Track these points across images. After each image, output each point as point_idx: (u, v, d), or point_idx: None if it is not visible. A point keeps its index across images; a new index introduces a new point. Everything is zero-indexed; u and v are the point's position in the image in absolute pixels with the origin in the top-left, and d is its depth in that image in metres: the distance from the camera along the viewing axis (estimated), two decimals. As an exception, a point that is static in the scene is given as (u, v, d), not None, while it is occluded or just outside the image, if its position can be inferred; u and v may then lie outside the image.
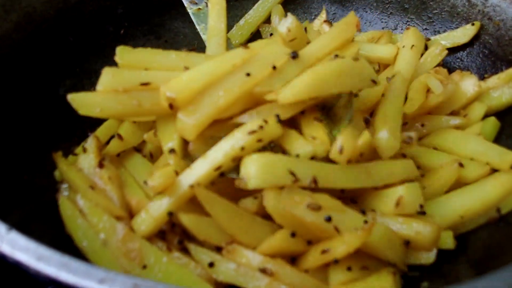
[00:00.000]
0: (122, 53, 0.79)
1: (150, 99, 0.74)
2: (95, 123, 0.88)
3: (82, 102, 0.74)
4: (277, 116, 0.71)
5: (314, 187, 0.67)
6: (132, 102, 0.74)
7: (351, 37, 0.82)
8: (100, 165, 0.77)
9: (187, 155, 0.74)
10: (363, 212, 0.71)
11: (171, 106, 0.71)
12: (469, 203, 0.76)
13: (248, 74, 0.72)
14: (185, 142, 0.75)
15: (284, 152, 0.72)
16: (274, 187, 0.66)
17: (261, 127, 0.69)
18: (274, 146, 0.74)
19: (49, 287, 0.48)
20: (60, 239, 0.71)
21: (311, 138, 0.72)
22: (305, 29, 1.06)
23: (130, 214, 0.75)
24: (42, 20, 0.97)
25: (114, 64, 1.02)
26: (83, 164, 0.78)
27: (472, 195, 0.77)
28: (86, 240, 0.67)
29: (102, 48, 1.07)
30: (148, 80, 0.75)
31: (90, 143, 0.81)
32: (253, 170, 0.65)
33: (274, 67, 0.73)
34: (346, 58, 0.76)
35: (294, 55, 0.75)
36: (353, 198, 0.76)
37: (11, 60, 0.90)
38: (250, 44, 0.78)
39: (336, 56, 0.77)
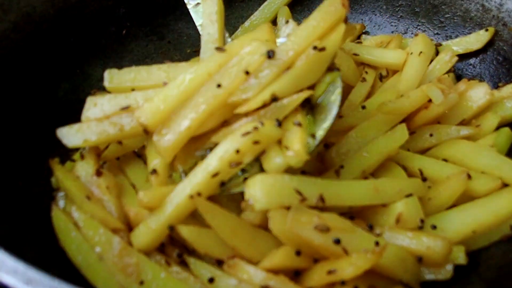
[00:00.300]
0: (110, 76, 0.81)
1: (131, 123, 0.74)
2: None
3: (68, 135, 0.75)
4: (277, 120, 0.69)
5: (322, 206, 0.64)
6: (114, 128, 0.74)
7: (339, 19, 0.73)
8: (98, 173, 0.74)
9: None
10: (371, 228, 0.69)
11: (145, 131, 0.70)
12: (482, 217, 0.73)
13: (219, 86, 0.68)
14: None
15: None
16: (280, 207, 0.63)
17: (255, 128, 0.66)
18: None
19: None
20: (55, 250, 0.69)
21: (286, 148, 0.68)
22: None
23: (128, 225, 0.73)
24: (42, 20, 0.94)
25: (115, 66, 1.00)
26: (80, 171, 0.75)
27: (485, 209, 0.74)
28: (81, 254, 0.65)
29: (103, 49, 1.05)
30: (127, 103, 0.75)
31: (88, 149, 0.79)
32: (259, 192, 0.62)
33: (247, 72, 0.69)
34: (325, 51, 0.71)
35: (270, 54, 0.69)
36: (351, 214, 0.73)
37: (8, 61, 0.88)
38: (228, 45, 0.74)
39: (315, 48, 0.70)
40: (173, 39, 1.16)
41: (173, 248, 0.72)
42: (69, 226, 0.67)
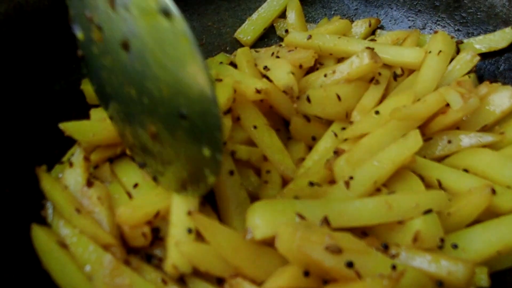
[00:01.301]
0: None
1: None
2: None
3: (74, 129, 0.73)
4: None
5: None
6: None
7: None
8: (89, 183, 0.69)
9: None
10: (386, 247, 0.63)
11: None
12: (508, 236, 0.67)
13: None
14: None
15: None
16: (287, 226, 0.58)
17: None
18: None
19: None
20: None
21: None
22: (310, 36, 0.95)
23: (122, 238, 0.68)
24: (35, 12, 0.89)
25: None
26: (69, 180, 0.70)
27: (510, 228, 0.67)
28: (66, 276, 0.60)
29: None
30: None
31: (77, 156, 0.73)
32: (258, 219, 0.57)
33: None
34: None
35: None
36: (364, 231, 0.67)
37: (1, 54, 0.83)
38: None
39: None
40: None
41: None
42: (52, 246, 0.62)
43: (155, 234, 0.68)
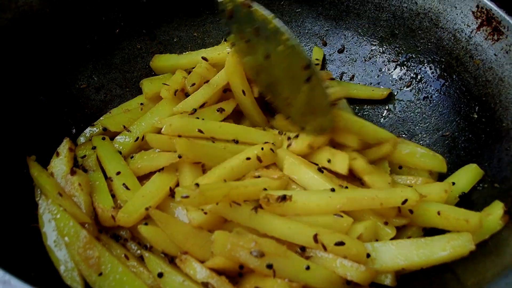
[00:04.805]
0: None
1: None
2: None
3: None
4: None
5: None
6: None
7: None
8: (72, 172, 0.82)
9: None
10: (303, 250, 0.75)
11: None
12: (414, 258, 0.75)
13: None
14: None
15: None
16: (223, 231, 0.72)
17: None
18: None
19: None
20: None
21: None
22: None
23: (96, 220, 0.81)
24: (38, 18, 1.00)
25: (105, 63, 1.08)
26: (55, 168, 0.83)
27: (419, 251, 0.75)
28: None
29: (95, 46, 1.11)
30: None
31: (63, 147, 0.86)
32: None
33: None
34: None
35: None
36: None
37: (6, 57, 0.94)
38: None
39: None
40: (164, 40, 1.22)
41: (134, 243, 0.81)
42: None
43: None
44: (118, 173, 0.87)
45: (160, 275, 0.74)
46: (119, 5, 1.14)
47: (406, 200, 0.79)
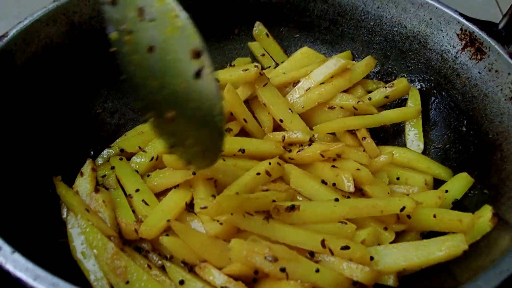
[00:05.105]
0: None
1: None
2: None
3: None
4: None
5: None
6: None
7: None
8: (96, 190, 0.89)
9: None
10: (312, 255, 0.82)
11: None
12: (413, 259, 0.82)
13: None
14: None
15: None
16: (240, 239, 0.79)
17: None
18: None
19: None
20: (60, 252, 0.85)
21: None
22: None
23: (120, 234, 0.88)
24: (58, 50, 1.08)
25: (117, 88, 1.16)
26: (80, 187, 0.91)
27: (418, 252, 0.82)
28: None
29: (110, 73, 1.18)
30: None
31: (86, 167, 0.94)
32: None
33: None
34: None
35: None
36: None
37: (31, 86, 1.02)
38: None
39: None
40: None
41: (155, 254, 0.87)
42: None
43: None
44: (137, 190, 0.95)
45: (181, 282, 0.80)
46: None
47: (404, 208, 0.86)
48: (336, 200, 0.89)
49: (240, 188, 0.93)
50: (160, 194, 0.97)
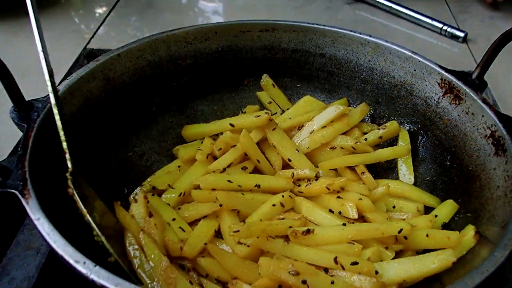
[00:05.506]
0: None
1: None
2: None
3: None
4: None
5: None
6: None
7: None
8: (150, 214, 1.06)
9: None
10: (326, 271, 0.96)
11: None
12: (412, 271, 0.96)
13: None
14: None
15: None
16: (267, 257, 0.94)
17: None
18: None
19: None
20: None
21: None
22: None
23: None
24: (96, 102, 1.23)
25: (145, 134, 1.32)
26: (135, 211, 1.08)
27: (415, 265, 0.97)
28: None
29: (138, 120, 1.36)
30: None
31: (139, 195, 1.12)
32: None
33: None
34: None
35: None
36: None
37: (76, 133, 1.15)
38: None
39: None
40: (190, 114, 1.46)
41: (194, 273, 1.02)
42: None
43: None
44: (174, 219, 1.10)
45: None
46: (156, 90, 1.39)
47: (401, 230, 1.02)
48: (344, 224, 1.05)
49: (259, 218, 1.08)
50: (190, 224, 1.13)
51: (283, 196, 1.14)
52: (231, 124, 1.31)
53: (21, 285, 1.03)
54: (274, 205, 1.12)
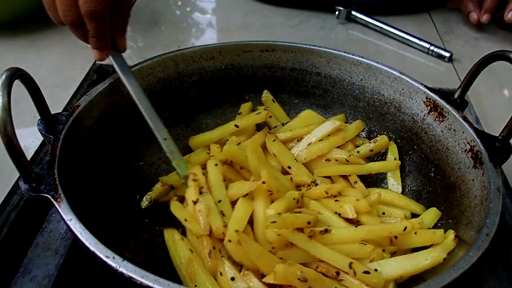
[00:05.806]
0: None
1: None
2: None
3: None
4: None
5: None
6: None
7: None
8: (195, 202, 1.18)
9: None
10: (337, 274, 1.03)
11: None
12: (407, 267, 1.06)
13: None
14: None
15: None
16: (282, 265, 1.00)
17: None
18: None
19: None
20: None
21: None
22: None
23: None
24: (112, 116, 1.34)
25: (155, 145, 1.42)
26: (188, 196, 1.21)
27: (410, 262, 1.06)
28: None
29: (148, 135, 1.44)
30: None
31: (189, 180, 1.24)
32: None
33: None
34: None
35: None
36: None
37: (94, 144, 1.27)
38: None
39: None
40: (196, 126, 1.57)
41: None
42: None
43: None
44: (219, 201, 1.21)
45: (233, 279, 1.05)
46: (165, 104, 1.50)
47: (405, 228, 1.13)
48: (355, 225, 1.16)
49: (279, 209, 1.15)
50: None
51: (299, 192, 1.24)
52: (235, 125, 1.43)
53: (43, 282, 1.13)
54: (294, 198, 1.21)
